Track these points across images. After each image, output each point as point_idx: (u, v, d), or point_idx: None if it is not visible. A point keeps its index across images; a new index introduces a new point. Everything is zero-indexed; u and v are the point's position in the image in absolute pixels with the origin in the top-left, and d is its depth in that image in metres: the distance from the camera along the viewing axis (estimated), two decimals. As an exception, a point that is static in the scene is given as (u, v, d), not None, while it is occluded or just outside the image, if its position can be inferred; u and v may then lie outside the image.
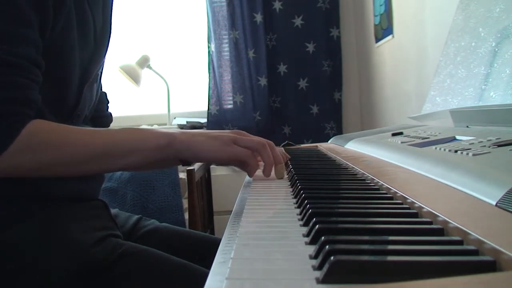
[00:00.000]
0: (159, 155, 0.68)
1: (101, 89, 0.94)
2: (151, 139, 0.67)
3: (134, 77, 2.42)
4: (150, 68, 2.52)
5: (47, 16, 0.64)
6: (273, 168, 0.72)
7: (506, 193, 0.38)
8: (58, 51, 0.68)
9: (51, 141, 0.63)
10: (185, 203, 1.74)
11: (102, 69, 0.87)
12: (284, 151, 0.89)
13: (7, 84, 0.60)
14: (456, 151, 0.58)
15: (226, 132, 0.71)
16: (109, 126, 0.99)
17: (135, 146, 0.67)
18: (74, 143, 0.65)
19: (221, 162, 0.71)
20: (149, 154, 0.67)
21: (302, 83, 2.65)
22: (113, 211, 0.88)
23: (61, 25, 0.67)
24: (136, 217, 0.91)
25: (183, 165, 0.88)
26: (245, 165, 0.71)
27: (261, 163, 0.72)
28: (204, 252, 0.82)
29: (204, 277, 0.29)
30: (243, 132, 0.74)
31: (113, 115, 0.99)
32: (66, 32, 0.68)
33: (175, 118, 2.60)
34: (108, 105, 0.98)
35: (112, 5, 0.84)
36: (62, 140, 0.64)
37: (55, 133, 0.64)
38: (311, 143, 1.74)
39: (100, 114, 0.93)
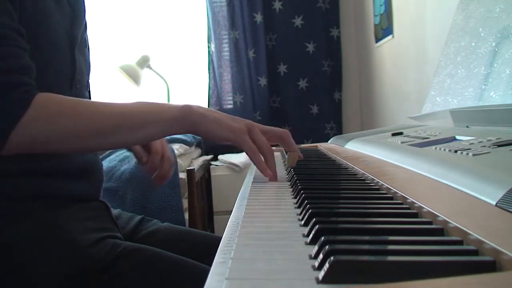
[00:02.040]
0: (174, 127, 0.67)
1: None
2: (167, 110, 0.66)
3: (134, 77, 2.42)
4: (150, 68, 2.52)
5: None
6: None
7: (506, 193, 0.38)
8: (39, 21, 0.67)
9: (65, 111, 0.62)
10: (185, 203, 1.74)
11: (86, 33, 0.87)
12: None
13: (2, 55, 0.59)
14: (456, 151, 0.58)
15: (243, 120, 0.70)
16: None
17: (152, 116, 0.66)
18: (89, 113, 0.63)
19: (226, 143, 0.70)
20: (165, 125, 0.66)
21: (302, 83, 2.65)
22: (115, 211, 0.88)
23: None
24: (138, 217, 0.90)
25: None
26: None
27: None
28: (206, 251, 0.81)
29: (205, 273, 0.29)
30: (258, 124, 0.73)
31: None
32: (42, 2, 0.68)
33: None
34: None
35: None
36: (77, 109, 0.63)
37: (69, 103, 0.63)
38: (311, 143, 1.74)
39: None
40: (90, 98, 0.85)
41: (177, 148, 1.95)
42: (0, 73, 0.58)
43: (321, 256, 0.30)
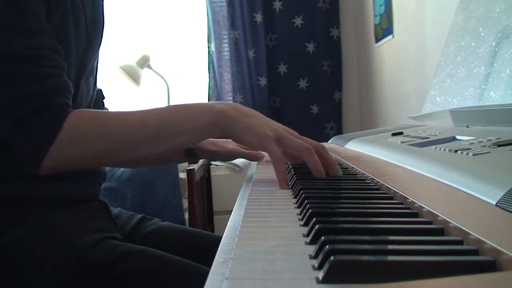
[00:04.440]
0: (208, 133, 0.66)
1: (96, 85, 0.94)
2: (200, 116, 0.65)
3: (134, 77, 2.42)
4: (150, 68, 2.52)
5: (51, 9, 0.64)
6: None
7: (506, 193, 0.38)
8: (60, 40, 0.67)
9: (97, 130, 0.62)
10: (185, 203, 1.74)
11: (97, 63, 0.87)
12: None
13: (36, 77, 0.59)
14: (456, 151, 0.58)
15: (276, 125, 0.68)
16: None
17: (184, 125, 0.65)
18: (121, 129, 0.63)
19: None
20: (198, 133, 0.66)
21: (302, 83, 2.65)
22: (115, 210, 0.88)
23: (59, 15, 0.66)
24: (138, 216, 0.90)
25: (189, 161, 0.86)
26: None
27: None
28: (206, 250, 0.81)
29: (204, 276, 0.29)
30: (292, 131, 0.70)
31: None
32: (63, 23, 0.68)
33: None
34: (104, 101, 0.98)
35: None
36: (109, 126, 0.63)
37: (101, 119, 0.63)
38: (311, 143, 1.74)
39: None
40: None
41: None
42: (35, 95, 0.59)
43: (321, 256, 0.30)
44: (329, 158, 0.68)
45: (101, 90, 0.97)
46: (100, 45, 0.82)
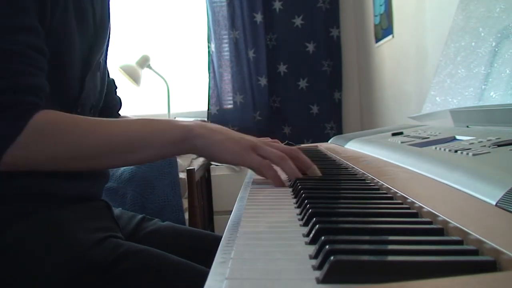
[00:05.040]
0: (174, 149, 0.65)
1: (108, 77, 0.93)
2: (167, 132, 0.65)
3: (134, 77, 2.42)
4: (150, 68, 2.52)
5: (45, 3, 0.63)
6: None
7: (506, 193, 0.38)
8: (57, 39, 0.67)
9: (62, 132, 0.61)
10: (185, 203, 1.74)
11: (105, 58, 0.87)
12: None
13: (10, 72, 0.59)
14: (456, 151, 0.58)
15: (248, 137, 0.67)
16: (118, 112, 0.98)
17: (150, 139, 0.64)
18: (86, 135, 0.63)
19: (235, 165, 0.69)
20: (164, 148, 0.65)
21: (302, 83, 2.65)
22: (116, 211, 0.88)
23: (59, 12, 0.66)
24: (139, 217, 0.90)
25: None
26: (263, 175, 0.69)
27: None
28: (206, 250, 0.81)
29: (204, 276, 0.29)
30: (268, 140, 0.69)
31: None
32: (64, 20, 0.67)
33: (175, 118, 2.60)
34: (116, 89, 0.98)
35: None
36: (75, 131, 0.62)
37: (66, 124, 0.62)
38: (311, 143, 1.74)
39: (110, 104, 0.93)
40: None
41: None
42: (2, 90, 0.58)
43: (321, 256, 0.30)
44: (305, 160, 0.68)
45: (113, 80, 0.97)
46: (108, 41, 0.82)
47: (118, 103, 0.97)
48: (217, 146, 0.64)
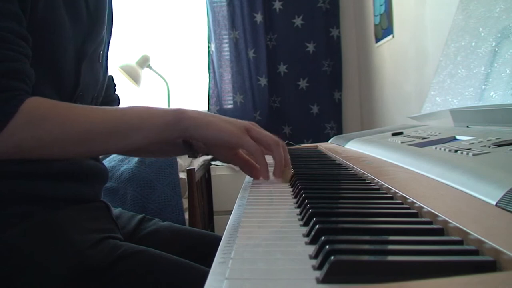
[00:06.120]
0: (166, 133, 0.64)
1: (107, 72, 0.93)
2: (159, 115, 0.64)
3: (134, 77, 2.42)
4: (150, 68, 2.52)
5: None
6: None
7: (506, 193, 0.38)
8: (46, 28, 0.66)
9: (52, 117, 0.60)
10: (185, 203, 1.74)
11: (106, 49, 0.86)
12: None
13: None
14: (456, 151, 0.58)
15: (240, 120, 0.67)
16: None
17: (142, 122, 0.63)
18: (76, 118, 0.61)
19: (227, 148, 0.67)
20: (155, 132, 0.64)
21: (302, 83, 2.66)
22: (116, 211, 0.88)
23: (43, 1, 0.65)
24: (139, 217, 0.90)
25: (188, 154, 0.85)
26: (249, 165, 0.70)
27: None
28: (206, 250, 0.81)
29: (204, 276, 0.29)
30: (257, 125, 0.69)
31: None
32: (51, 9, 0.66)
33: (175, 118, 2.60)
34: (115, 88, 0.98)
35: None
36: (64, 115, 0.61)
37: (57, 109, 0.61)
38: (311, 143, 1.74)
39: (107, 99, 0.93)
40: None
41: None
42: None
43: (321, 256, 0.30)
44: (288, 157, 0.69)
45: (111, 77, 0.96)
46: (105, 31, 0.81)
47: (115, 100, 0.97)
48: (211, 126, 0.63)
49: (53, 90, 0.69)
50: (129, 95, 2.61)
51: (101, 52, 0.81)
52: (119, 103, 0.98)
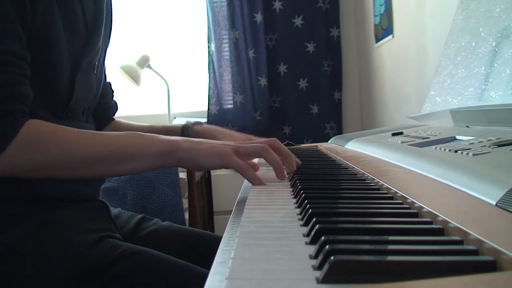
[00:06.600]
0: (161, 161, 0.67)
1: (105, 80, 0.93)
2: (153, 145, 0.66)
3: (134, 77, 2.42)
4: (150, 68, 2.52)
5: (25, 9, 0.63)
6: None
7: (506, 193, 0.38)
8: (43, 44, 0.67)
9: (51, 142, 0.62)
10: (185, 203, 1.74)
11: (103, 59, 0.86)
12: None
13: (0, 82, 0.59)
14: (456, 151, 0.58)
15: (229, 142, 0.70)
16: (113, 116, 0.98)
17: (137, 152, 0.66)
18: (74, 146, 0.64)
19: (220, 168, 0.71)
20: (151, 161, 0.66)
21: (302, 83, 2.65)
22: (115, 211, 0.88)
23: (41, 17, 0.66)
24: (138, 216, 0.90)
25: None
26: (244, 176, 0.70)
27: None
28: (206, 250, 0.81)
29: (203, 278, 0.29)
30: (252, 137, 0.72)
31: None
32: (48, 25, 0.67)
33: (175, 118, 2.60)
34: (113, 94, 0.98)
35: None
36: (63, 141, 0.64)
37: (56, 134, 0.64)
38: (311, 143, 1.74)
39: (104, 107, 0.93)
40: (88, 122, 0.84)
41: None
42: None
43: (321, 256, 0.30)
44: (284, 149, 0.72)
45: (109, 84, 0.97)
46: (102, 42, 0.82)
47: (113, 107, 0.97)
48: (200, 155, 0.66)
49: (45, 103, 0.69)
50: (129, 95, 2.62)
51: (97, 62, 0.81)
52: (116, 109, 0.98)
